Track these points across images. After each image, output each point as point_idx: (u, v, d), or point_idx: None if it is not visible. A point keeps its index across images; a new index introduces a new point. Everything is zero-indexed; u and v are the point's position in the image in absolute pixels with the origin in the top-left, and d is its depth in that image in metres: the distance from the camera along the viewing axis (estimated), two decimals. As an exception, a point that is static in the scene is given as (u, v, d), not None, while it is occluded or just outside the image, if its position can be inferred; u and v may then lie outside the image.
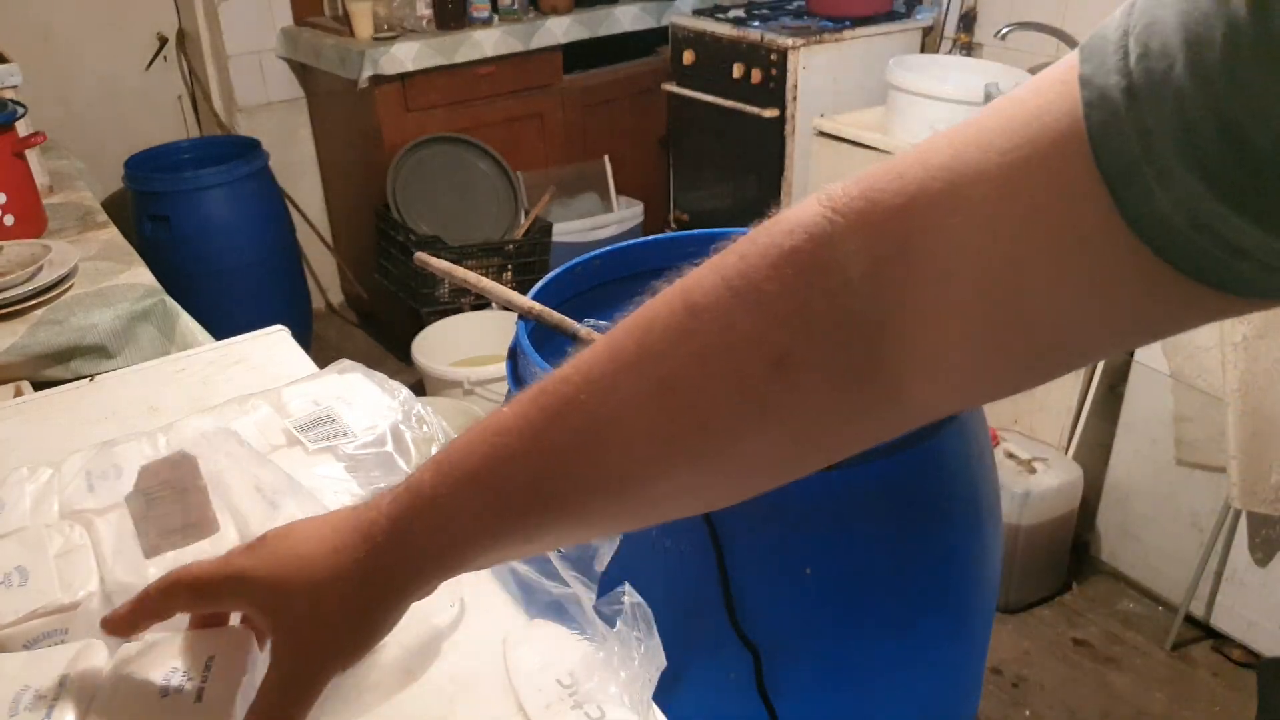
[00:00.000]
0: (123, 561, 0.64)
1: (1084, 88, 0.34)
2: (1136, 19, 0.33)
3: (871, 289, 0.40)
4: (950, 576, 1.08)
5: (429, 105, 2.92)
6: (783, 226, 0.43)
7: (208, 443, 0.66)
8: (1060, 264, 0.36)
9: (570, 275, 1.29)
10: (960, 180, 0.38)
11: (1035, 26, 2.51)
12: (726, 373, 0.43)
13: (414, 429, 0.78)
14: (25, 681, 0.55)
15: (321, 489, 0.70)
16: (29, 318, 1.38)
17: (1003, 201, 0.36)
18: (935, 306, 0.39)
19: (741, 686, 0.96)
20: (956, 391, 0.43)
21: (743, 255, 0.43)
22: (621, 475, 0.46)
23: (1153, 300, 0.36)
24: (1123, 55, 0.33)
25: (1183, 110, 0.31)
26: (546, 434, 0.46)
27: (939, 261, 0.39)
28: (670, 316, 0.44)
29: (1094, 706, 1.87)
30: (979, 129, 0.38)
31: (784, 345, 0.42)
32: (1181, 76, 0.31)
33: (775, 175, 2.81)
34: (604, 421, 0.45)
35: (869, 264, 0.40)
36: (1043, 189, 0.35)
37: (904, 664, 1.07)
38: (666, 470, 0.46)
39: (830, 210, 0.41)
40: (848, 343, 0.41)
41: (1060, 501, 2.03)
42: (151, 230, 2.77)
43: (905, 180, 0.39)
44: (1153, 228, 0.33)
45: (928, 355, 0.41)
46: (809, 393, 0.42)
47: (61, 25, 2.97)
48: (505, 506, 0.47)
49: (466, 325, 2.76)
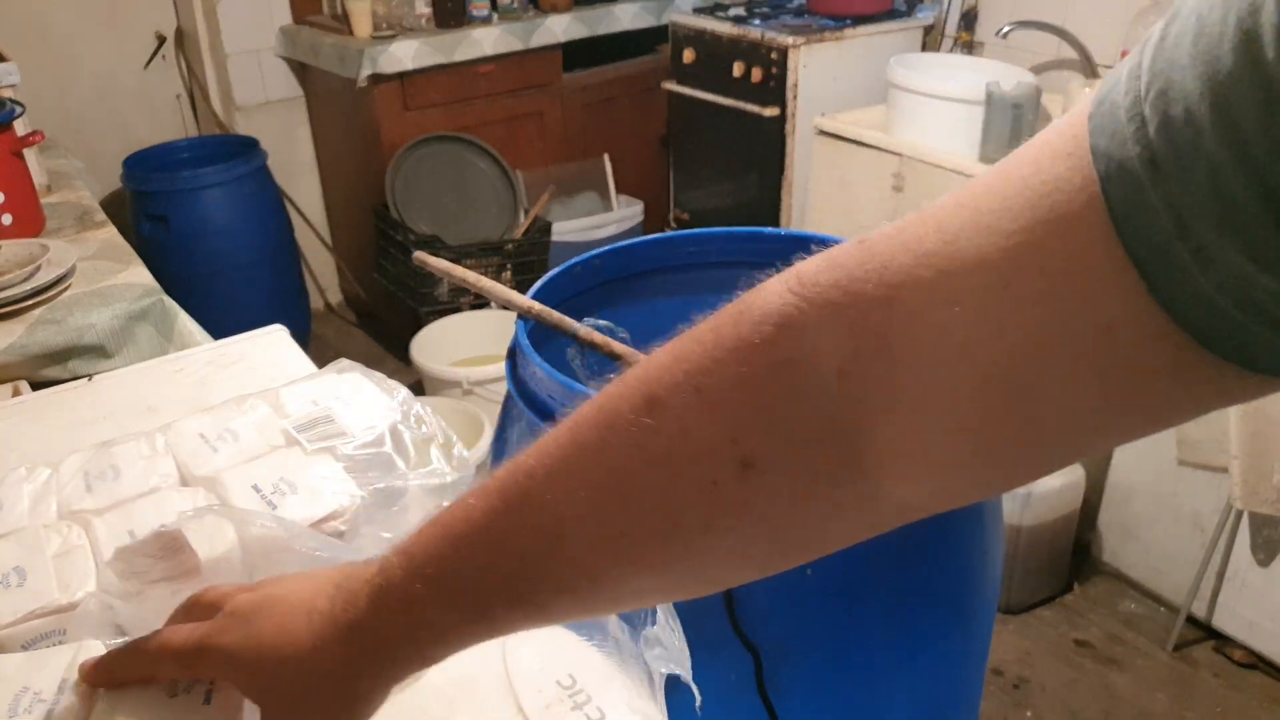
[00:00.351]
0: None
1: (1098, 160, 0.31)
2: (1148, 83, 0.30)
3: (847, 388, 0.37)
4: (951, 577, 1.08)
5: (428, 104, 2.91)
6: (749, 316, 0.40)
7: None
8: (1078, 355, 0.33)
9: (570, 275, 1.29)
10: (956, 268, 0.34)
11: (1036, 25, 2.50)
12: (691, 476, 0.40)
13: (413, 429, 0.78)
14: (24, 682, 0.54)
15: (320, 489, 0.70)
16: (27, 317, 1.38)
17: (1009, 289, 0.33)
18: (923, 407, 0.36)
19: (742, 687, 0.96)
20: (944, 492, 0.40)
21: (706, 346, 0.40)
22: (587, 576, 0.44)
23: (1182, 387, 0.33)
24: (1139, 124, 0.30)
25: (1218, 182, 0.28)
26: (511, 533, 0.45)
27: (929, 358, 0.35)
28: (632, 412, 0.41)
29: (1095, 707, 1.87)
30: (974, 209, 0.34)
31: (751, 448, 0.39)
32: (1213, 145, 0.28)
33: (775, 174, 2.81)
34: (566, 520, 0.43)
35: (844, 361, 0.37)
36: (1058, 274, 0.32)
37: (904, 665, 1.06)
38: (634, 571, 0.44)
39: (800, 299, 0.38)
40: (819, 444, 0.38)
41: (1062, 502, 2.02)
42: (150, 230, 2.77)
43: (888, 270, 0.36)
44: (1193, 311, 0.30)
45: (912, 457, 0.38)
46: (780, 496, 0.40)
47: (60, 24, 2.97)
48: (473, 605, 0.46)
49: (466, 325, 2.76)
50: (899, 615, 1.04)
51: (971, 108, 2.16)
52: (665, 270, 1.38)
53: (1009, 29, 2.47)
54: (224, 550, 0.65)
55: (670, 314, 1.63)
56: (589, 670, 0.68)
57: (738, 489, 0.40)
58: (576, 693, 0.67)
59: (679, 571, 0.44)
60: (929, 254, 0.35)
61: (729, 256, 1.39)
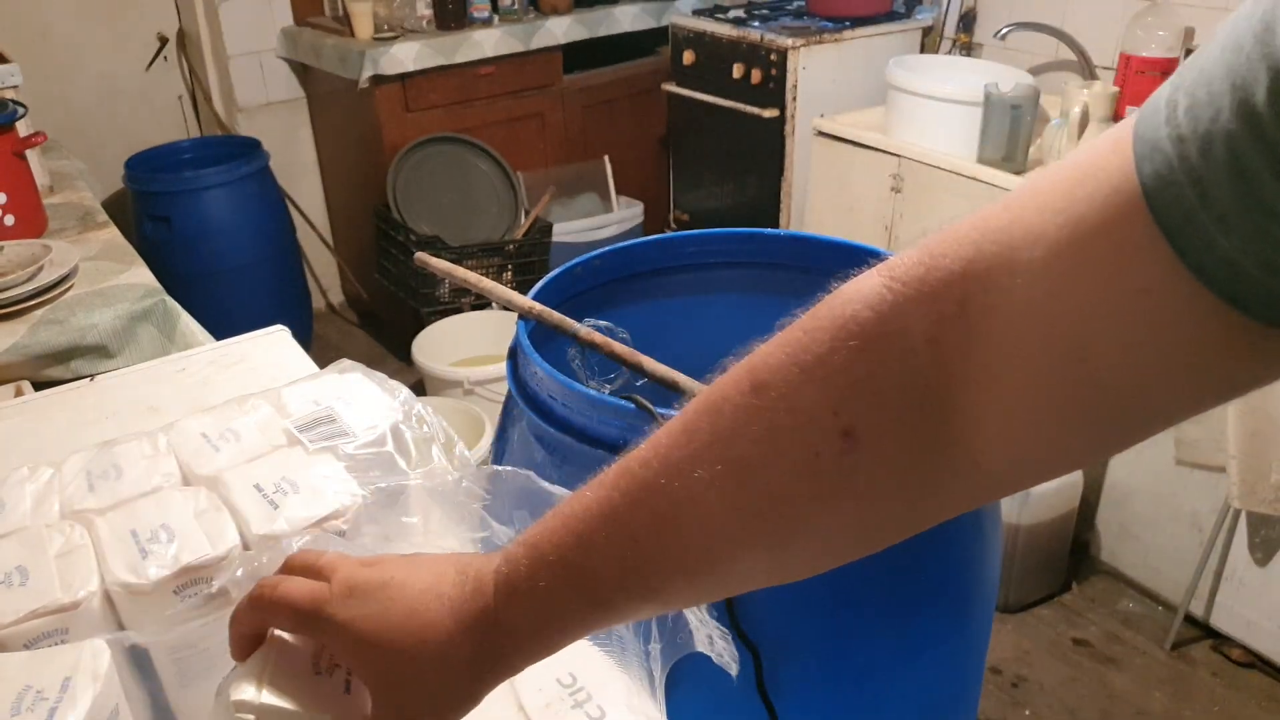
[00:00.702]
0: (122, 561, 0.64)
1: (1136, 142, 0.35)
2: (1185, 75, 0.34)
3: (935, 353, 0.40)
4: (950, 576, 1.08)
5: (429, 105, 2.92)
6: (843, 298, 0.43)
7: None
8: (1124, 319, 0.36)
9: (570, 275, 1.30)
10: (1017, 242, 0.38)
11: (1035, 26, 2.51)
12: (796, 450, 0.43)
13: (414, 429, 0.79)
14: (26, 681, 0.55)
15: (322, 489, 0.70)
16: (29, 318, 1.38)
17: (1060, 260, 0.37)
18: (1001, 368, 0.39)
19: (741, 686, 0.96)
20: (1032, 461, 0.42)
21: (806, 330, 0.44)
22: (701, 556, 0.47)
23: (1227, 353, 0.35)
24: (1172, 108, 0.34)
25: (1234, 153, 0.31)
26: (629, 521, 0.47)
27: (1000, 322, 0.39)
28: (739, 397, 0.45)
29: (1094, 706, 1.88)
30: (1033, 191, 0.39)
31: (851, 417, 0.42)
32: (1229, 120, 0.32)
33: (775, 175, 2.81)
34: (682, 504, 0.46)
35: (930, 327, 0.40)
36: (1100, 245, 0.36)
37: (904, 664, 1.07)
38: (745, 550, 0.46)
39: (890, 279, 0.42)
40: (915, 410, 0.41)
41: (1060, 501, 2.03)
42: (152, 230, 2.77)
43: (962, 244, 0.40)
44: (1220, 274, 0.33)
45: (997, 421, 0.40)
46: (880, 465, 0.42)
47: (62, 25, 2.98)
48: (595, 594, 0.48)
49: (466, 325, 2.77)
50: (898, 614, 1.04)
51: (970, 109, 2.16)
52: (665, 270, 1.39)
53: (1007, 30, 2.47)
54: (225, 550, 0.65)
55: (670, 314, 1.64)
56: (589, 669, 0.69)
57: (840, 460, 0.42)
58: (576, 691, 0.68)
59: (785, 551, 0.46)
60: (996, 229, 0.39)
61: (729, 257, 1.39)
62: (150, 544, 0.65)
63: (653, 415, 0.93)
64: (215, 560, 0.64)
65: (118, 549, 0.65)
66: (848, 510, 0.44)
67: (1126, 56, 2.15)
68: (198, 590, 0.64)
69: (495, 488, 0.72)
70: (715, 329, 1.44)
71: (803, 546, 0.46)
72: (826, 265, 1.35)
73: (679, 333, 1.42)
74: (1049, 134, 2.06)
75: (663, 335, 1.34)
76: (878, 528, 0.45)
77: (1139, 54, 2.12)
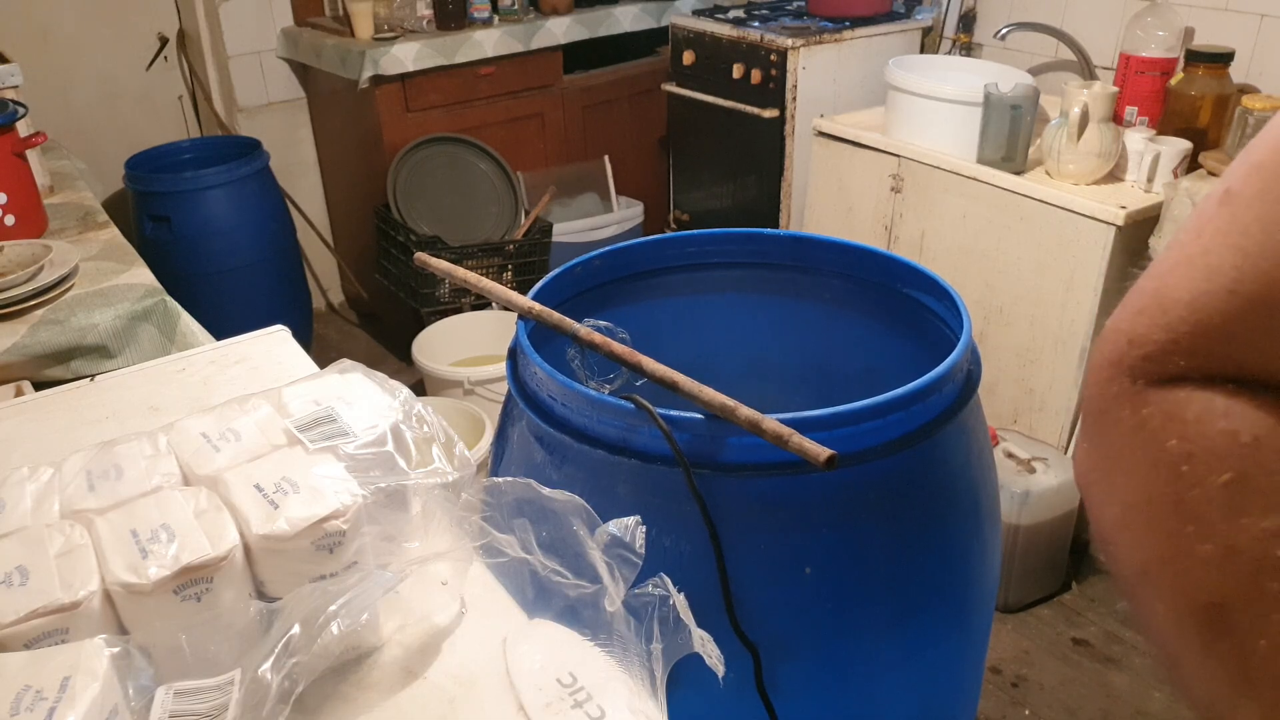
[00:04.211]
0: (122, 561, 0.64)
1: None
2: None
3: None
4: (950, 576, 1.08)
5: (429, 105, 2.92)
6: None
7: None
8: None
9: (570, 275, 1.30)
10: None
11: (1035, 27, 2.51)
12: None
13: (414, 429, 0.79)
14: (26, 681, 0.55)
15: (322, 488, 0.70)
16: (30, 318, 1.38)
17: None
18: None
19: (741, 686, 0.96)
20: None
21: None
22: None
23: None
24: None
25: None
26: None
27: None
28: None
29: (1093, 706, 1.88)
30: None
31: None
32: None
33: (775, 175, 2.81)
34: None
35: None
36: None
37: (903, 664, 1.07)
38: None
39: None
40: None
41: (1060, 501, 2.03)
42: (152, 230, 2.77)
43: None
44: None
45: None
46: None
47: (62, 25, 2.98)
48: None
49: (466, 325, 2.77)
50: (897, 614, 1.04)
51: (970, 109, 2.16)
52: (665, 270, 1.39)
53: (1007, 30, 2.47)
54: (225, 550, 0.65)
55: (670, 314, 1.64)
56: (589, 669, 0.69)
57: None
58: (576, 691, 0.68)
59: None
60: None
61: (729, 257, 1.39)
62: (150, 544, 0.65)
63: (652, 415, 0.93)
64: (215, 560, 0.64)
65: (118, 549, 0.65)
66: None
67: (1126, 56, 2.15)
68: (198, 590, 0.64)
69: (494, 499, 0.72)
70: (715, 329, 1.44)
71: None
72: (826, 265, 1.35)
73: (679, 333, 1.42)
74: (1049, 134, 2.06)
75: (663, 335, 1.34)
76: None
77: (1139, 54, 2.12)
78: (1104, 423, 0.44)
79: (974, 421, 1.09)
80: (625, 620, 0.68)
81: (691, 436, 0.95)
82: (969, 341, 1.07)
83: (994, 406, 2.24)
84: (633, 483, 0.99)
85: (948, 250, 2.27)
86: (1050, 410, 2.16)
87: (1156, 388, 0.41)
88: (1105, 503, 0.43)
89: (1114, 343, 0.44)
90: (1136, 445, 0.41)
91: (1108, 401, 0.43)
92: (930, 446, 1.00)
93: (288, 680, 0.59)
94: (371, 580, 0.65)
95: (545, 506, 0.71)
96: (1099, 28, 2.49)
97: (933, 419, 1.01)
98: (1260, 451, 0.37)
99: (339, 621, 0.61)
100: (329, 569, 0.67)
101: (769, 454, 0.92)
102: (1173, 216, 1.87)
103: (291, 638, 0.60)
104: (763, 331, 1.43)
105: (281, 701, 0.58)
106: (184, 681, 0.60)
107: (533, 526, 0.72)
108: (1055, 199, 2.02)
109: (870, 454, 0.96)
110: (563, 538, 0.71)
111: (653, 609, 0.66)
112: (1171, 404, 0.41)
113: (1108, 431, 0.43)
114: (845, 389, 1.32)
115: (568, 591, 0.70)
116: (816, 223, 2.61)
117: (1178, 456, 0.39)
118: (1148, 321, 0.42)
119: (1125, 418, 0.42)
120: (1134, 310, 0.43)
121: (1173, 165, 1.98)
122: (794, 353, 1.44)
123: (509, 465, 1.13)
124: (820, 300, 1.38)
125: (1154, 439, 0.40)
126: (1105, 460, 0.43)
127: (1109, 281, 1.97)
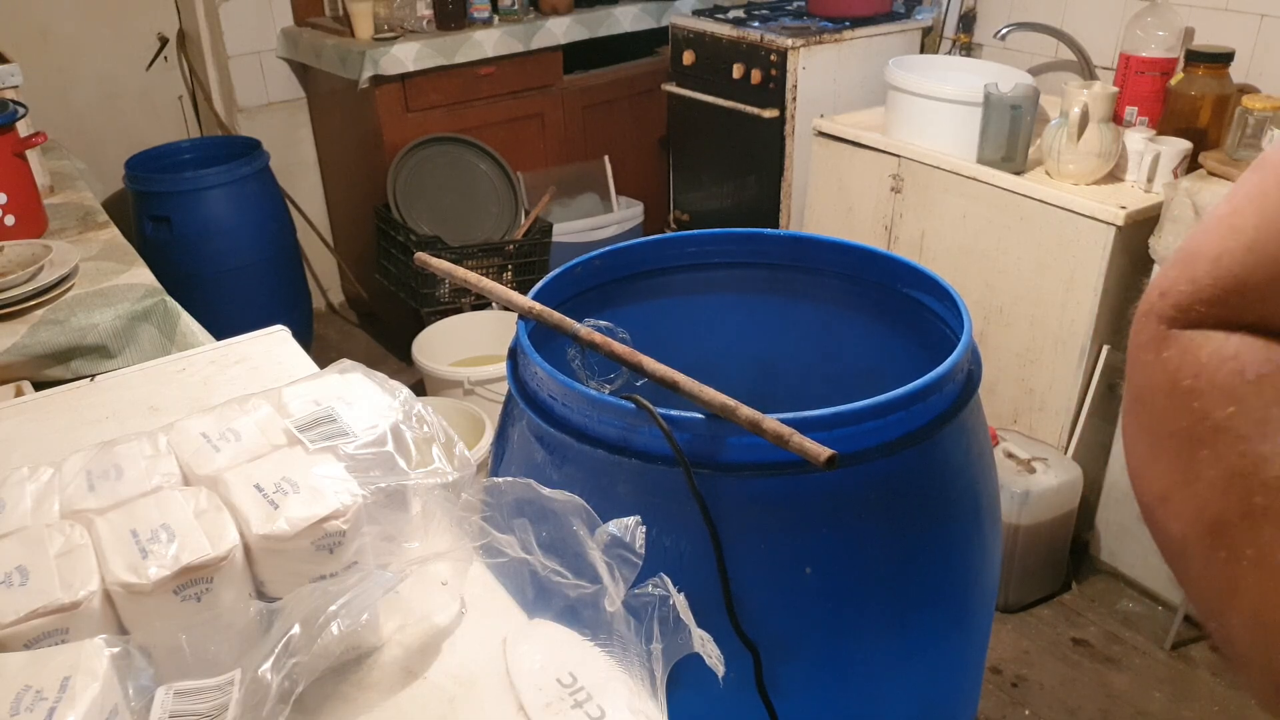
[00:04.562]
0: (122, 561, 0.64)
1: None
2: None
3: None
4: (949, 576, 1.08)
5: (429, 105, 2.92)
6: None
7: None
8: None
9: (570, 275, 1.30)
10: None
11: (1035, 27, 2.51)
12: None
13: (414, 429, 0.78)
14: (26, 681, 0.55)
15: (322, 488, 0.70)
16: (30, 318, 1.38)
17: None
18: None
19: (741, 686, 0.96)
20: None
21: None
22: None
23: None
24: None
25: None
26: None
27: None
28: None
29: (1093, 706, 1.88)
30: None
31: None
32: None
33: (775, 175, 2.81)
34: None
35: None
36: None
37: (903, 663, 1.07)
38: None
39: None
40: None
41: (1060, 501, 2.03)
42: (152, 230, 2.77)
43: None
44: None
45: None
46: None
47: (61, 25, 2.98)
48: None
49: (467, 325, 2.77)
50: (897, 614, 1.04)
51: (970, 109, 2.16)
52: (665, 270, 1.39)
53: (1007, 31, 2.47)
54: (225, 550, 0.65)
55: (670, 314, 1.64)
56: (589, 669, 0.69)
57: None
58: (576, 691, 0.68)
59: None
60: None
61: (728, 257, 1.39)
62: (150, 544, 0.65)
63: (653, 415, 0.93)
64: (215, 560, 0.64)
65: (118, 549, 0.65)
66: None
67: (1126, 56, 2.15)
68: (198, 590, 0.64)
69: (494, 499, 0.72)
70: (715, 329, 1.45)
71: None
72: (826, 265, 1.35)
73: (679, 333, 1.42)
74: (1049, 134, 2.06)
75: (663, 335, 1.34)
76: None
77: (1139, 54, 2.12)
78: (1134, 365, 0.48)
79: (974, 421, 1.09)
80: (625, 620, 0.68)
81: (692, 436, 0.95)
82: (969, 341, 1.07)
83: (994, 406, 2.24)
84: (633, 483, 0.99)
85: (948, 250, 2.27)
86: (1050, 410, 2.16)
87: (1179, 332, 0.46)
88: (1136, 438, 0.48)
89: (1148, 295, 0.49)
90: (1158, 383, 0.46)
91: (1139, 347, 0.48)
92: (930, 446, 1.00)
93: (288, 680, 0.59)
94: (371, 580, 0.65)
95: (545, 506, 0.71)
96: (1099, 28, 2.49)
97: (933, 419, 1.01)
98: (1262, 388, 0.42)
99: (339, 621, 0.61)
100: (329, 569, 0.67)
101: (769, 454, 0.92)
102: (1173, 216, 1.87)
103: (291, 638, 0.60)
104: (763, 331, 1.43)
105: (281, 701, 0.58)
106: (184, 681, 0.60)
107: (533, 526, 0.72)
108: (1055, 199, 2.02)
109: (870, 454, 0.96)
110: (563, 538, 0.71)
111: (653, 609, 0.66)
112: (1189, 345, 0.45)
113: (1136, 373, 0.48)
114: (845, 389, 1.32)
115: (568, 591, 0.70)
116: (816, 223, 2.61)
117: (1190, 393, 0.44)
118: (1176, 274, 0.47)
119: (1150, 360, 0.47)
120: (1168, 266, 0.49)
121: (1173, 165, 1.98)
122: (794, 353, 1.44)
123: (509, 465, 1.13)
124: (820, 300, 1.38)
125: (1173, 377, 0.45)
126: (1134, 399, 0.48)
127: (1109, 281, 1.97)
